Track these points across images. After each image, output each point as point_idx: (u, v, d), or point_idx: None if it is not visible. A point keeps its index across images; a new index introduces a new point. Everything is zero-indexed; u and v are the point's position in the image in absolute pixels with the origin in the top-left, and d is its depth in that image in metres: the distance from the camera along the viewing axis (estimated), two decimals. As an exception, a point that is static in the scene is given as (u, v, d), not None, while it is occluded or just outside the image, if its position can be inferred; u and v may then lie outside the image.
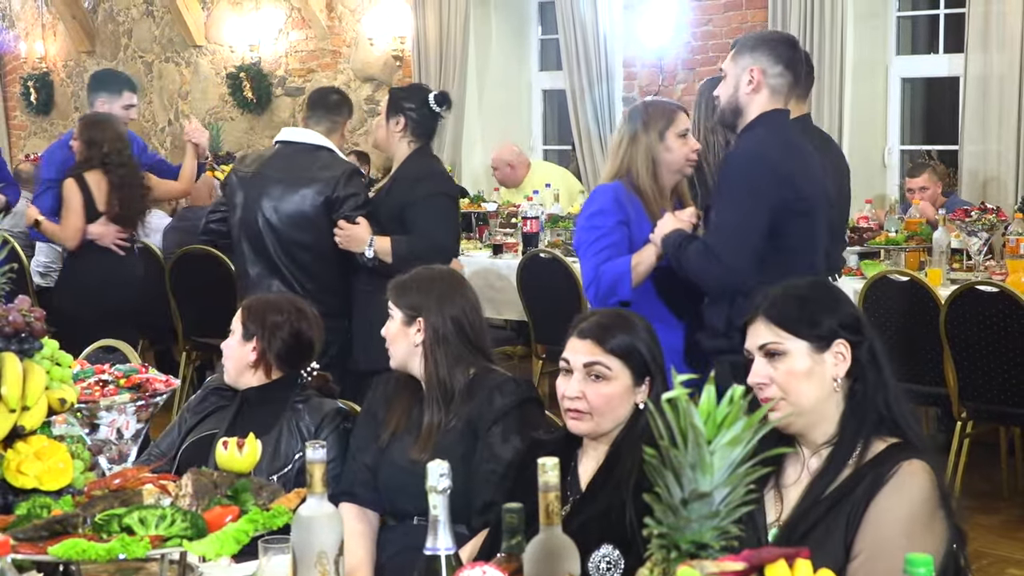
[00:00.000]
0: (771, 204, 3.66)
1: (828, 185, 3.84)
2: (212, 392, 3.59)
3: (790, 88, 3.78)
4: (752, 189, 3.68)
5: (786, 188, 3.66)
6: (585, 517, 2.70)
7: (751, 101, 3.75)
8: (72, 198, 6.21)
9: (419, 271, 3.35)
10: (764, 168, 3.69)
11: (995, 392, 5.53)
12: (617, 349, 2.79)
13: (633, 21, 9.57)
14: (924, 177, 7.52)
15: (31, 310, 2.37)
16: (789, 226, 3.67)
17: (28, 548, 2.14)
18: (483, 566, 1.93)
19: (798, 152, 3.77)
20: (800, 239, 3.71)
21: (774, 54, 3.73)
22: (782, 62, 3.72)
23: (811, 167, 3.77)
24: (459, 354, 3.20)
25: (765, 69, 3.73)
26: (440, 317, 3.21)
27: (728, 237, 3.70)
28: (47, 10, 14.34)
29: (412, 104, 4.99)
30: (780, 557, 1.55)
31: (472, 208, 8.64)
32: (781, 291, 2.55)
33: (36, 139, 14.82)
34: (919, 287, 5.71)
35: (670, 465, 1.65)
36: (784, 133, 3.80)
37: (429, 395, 3.20)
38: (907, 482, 2.36)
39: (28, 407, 2.31)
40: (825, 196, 3.79)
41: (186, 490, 2.34)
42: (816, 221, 3.74)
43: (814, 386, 2.45)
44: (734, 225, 3.70)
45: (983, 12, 7.92)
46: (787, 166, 3.69)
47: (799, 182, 3.69)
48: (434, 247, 4.80)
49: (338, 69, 11.74)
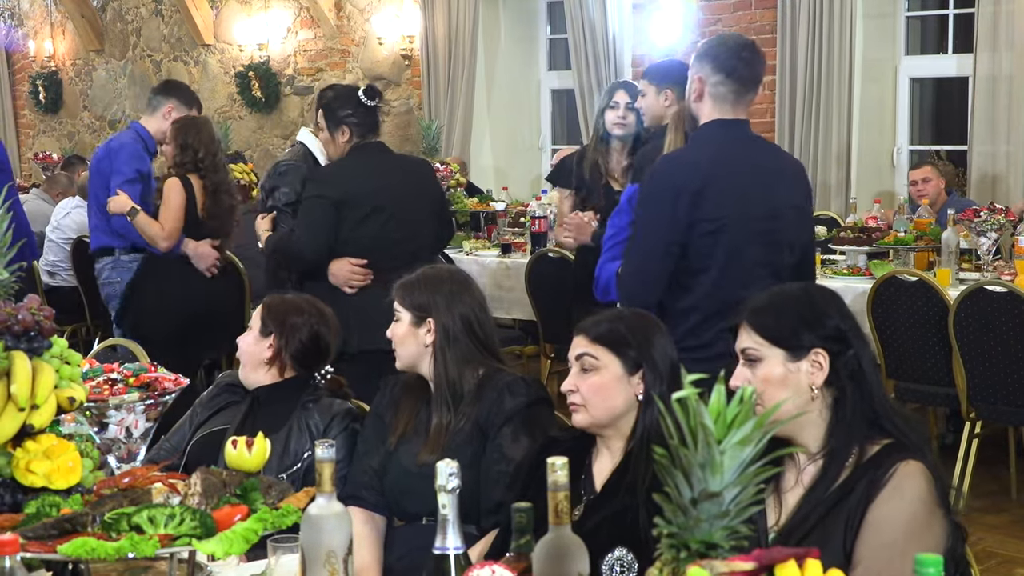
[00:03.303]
0: (673, 225, 3.60)
1: (757, 200, 3.65)
2: (225, 388, 3.59)
3: (736, 95, 3.68)
4: (652, 210, 3.66)
5: (689, 208, 3.59)
6: (599, 518, 2.69)
7: (699, 110, 3.71)
8: (174, 198, 5.98)
9: (425, 271, 3.32)
10: (667, 188, 3.63)
11: (1004, 392, 5.52)
12: (601, 338, 2.80)
13: (642, 20, 9.57)
14: (926, 169, 7.54)
15: (40, 309, 2.37)
16: (695, 245, 3.61)
17: (37, 547, 2.14)
18: (492, 565, 1.93)
19: (715, 168, 3.64)
20: (702, 259, 3.62)
21: (715, 63, 3.66)
22: (723, 70, 3.64)
23: (730, 183, 3.63)
24: (469, 354, 3.19)
25: (705, 78, 3.66)
26: (450, 317, 3.19)
27: (630, 259, 3.71)
28: (56, 9, 14.36)
29: (348, 110, 5.10)
30: (790, 557, 1.54)
31: (481, 207, 8.64)
32: (765, 298, 2.58)
33: (44, 138, 14.84)
34: (928, 287, 5.71)
35: (680, 465, 1.65)
36: (707, 149, 3.70)
37: (438, 396, 3.19)
38: (904, 484, 2.37)
39: (37, 406, 2.31)
40: (744, 213, 3.63)
41: (195, 489, 2.34)
42: (726, 239, 3.61)
43: (789, 393, 2.45)
44: (636, 248, 3.71)
45: (992, 12, 7.91)
46: (692, 184, 3.59)
47: (706, 201, 3.59)
48: (290, 247, 5.09)
49: (347, 68, 11.75)
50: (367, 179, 5.05)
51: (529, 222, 7.65)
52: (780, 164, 3.79)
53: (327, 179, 5.13)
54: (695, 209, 3.58)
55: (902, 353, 5.86)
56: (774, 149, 3.90)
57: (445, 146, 10.64)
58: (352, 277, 5.02)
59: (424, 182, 5.27)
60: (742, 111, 3.72)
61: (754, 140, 3.80)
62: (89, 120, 14.36)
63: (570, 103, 10.43)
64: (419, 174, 5.30)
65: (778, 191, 3.69)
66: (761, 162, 3.72)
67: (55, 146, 14.23)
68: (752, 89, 3.72)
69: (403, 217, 5.08)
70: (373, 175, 5.06)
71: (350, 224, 5.02)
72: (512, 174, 10.94)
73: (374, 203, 5.04)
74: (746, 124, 3.74)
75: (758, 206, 3.64)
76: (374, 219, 5.04)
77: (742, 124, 3.72)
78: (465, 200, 8.68)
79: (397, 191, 5.08)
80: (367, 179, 5.05)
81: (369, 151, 5.12)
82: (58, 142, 14.50)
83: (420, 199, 5.15)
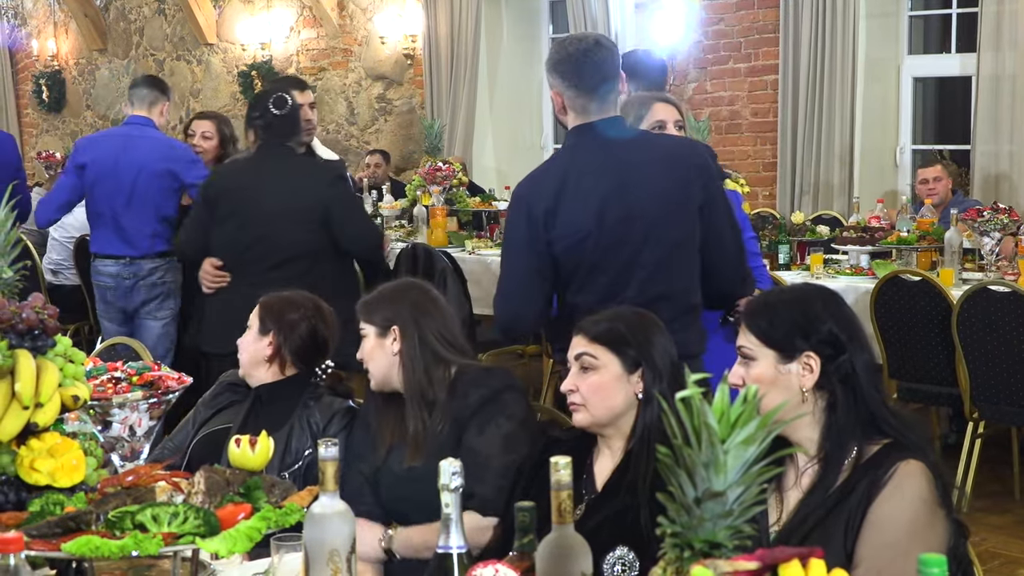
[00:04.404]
0: (531, 247, 3.53)
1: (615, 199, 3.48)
2: (227, 387, 3.61)
3: (595, 101, 3.51)
4: (511, 235, 3.62)
5: (542, 227, 3.50)
6: (601, 517, 2.70)
7: (568, 122, 3.58)
8: None
9: (384, 286, 3.37)
10: (519, 211, 3.58)
11: (1007, 393, 5.52)
12: (600, 337, 2.81)
13: (644, 20, 9.57)
14: (938, 168, 7.50)
15: (44, 307, 2.37)
16: (563, 258, 3.52)
17: (41, 545, 2.14)
18: (496, 564, 1.93)
19: (567, 181, 3.51)
20: (575, 266, 3.52)
21: (563, 76, 3.52)
22: (569, 81, 3.50)
23: (582, 192, 3.49)
24: (437, 356, 3.20)
25: (561, 92, 3.54)
26: (413, 322, 3.21)
27: (499, 285, 3.65)
28: (59, 8, 14.37)
29: (257, 113, 5.10)
30: (794, 557, 1.54)
31: (483, 207, 8.64)
32: (763, 299, 2.62)
33: (47, 136, 14.85)
34: (931, 287, 5.70)
35: (683, 464, 1.65)
36: (560, 161, 3.61)
37: (409, 401, 3.19)
38: (905, 484, 2.37)
39: (41, 404, 2.31)
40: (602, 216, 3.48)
41: (199, 487, 2.34)
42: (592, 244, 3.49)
43: (779, 394, 2.46)
44: (502, 272, 3.65)
45: (995, 12, 7.91)
46: (543, 204, 3.50)
47: (559, 217, 3.49)
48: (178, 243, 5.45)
49: (349, 68, 11.75)
50: (234, 181, 5.03)
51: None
52: (646, 159, 3.54)
53: (208, 178, 5.18)
54: (551, 229, 3.50)
55: (905, 353, 5.86)
56: (645, 140, 3.66)
57: (447, 145, 10.64)
58: (205, 277, 5.09)
59: (310, 190, 5.04)
60: (610, 109, 3.55)
61: (619, 136, 3.55)
62: (92, 119, 14.37)
63: (573, 102, 10.42)
64: (308, 182, 5.08)
65: (639, 189, 3.49)
66: (619, 159, 3.52)
67: (58, 145, 14.23)
68: (608, 89, 3.52)
69: (261, 222, 4.98)
70: (242, 177, 5.03)
71: (216, 224, 5.06)
72: (514, 173, 10.91)
73: (232, 205, 5.00)
74: (612, 121, 3.54)
75: (616, 209, 3.49)
76: (231, 221, 5.02)
77: (605, 123, 3.53)
78: (467, 199, 8.68)
79: (261, 196, 4.98)
80: (234, 181, 5.03)
81: (263, 155, 5.08)
82: (61, 141, 14.51)
83: (294, 207, 4.97)
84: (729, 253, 3.60)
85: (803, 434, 2.49)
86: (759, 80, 9.19)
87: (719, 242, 3.56)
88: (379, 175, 10.30)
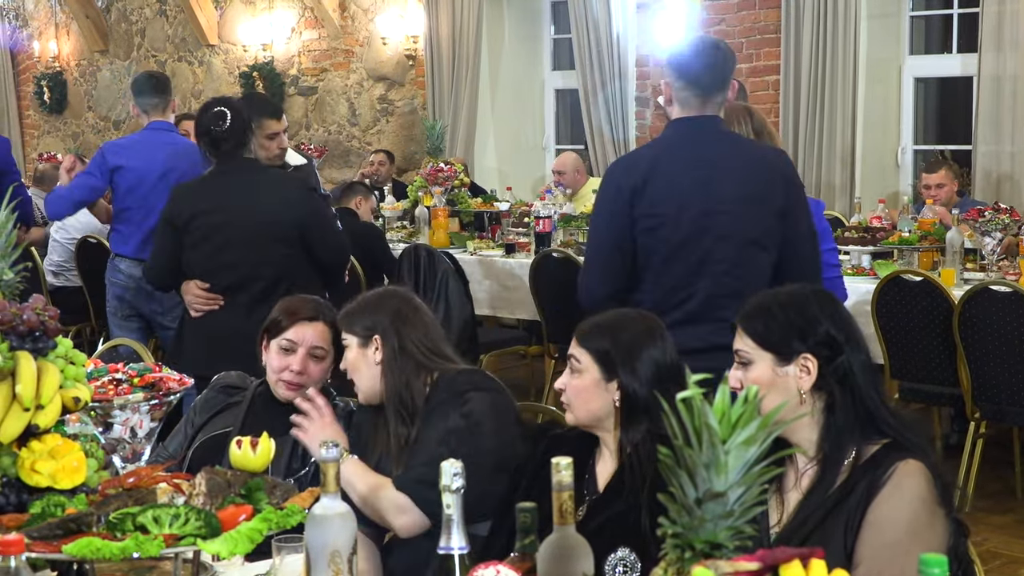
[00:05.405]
0: (616, 221, 3.70)
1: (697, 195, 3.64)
2: (221, 390, 3.57)
3: (700, 99, 3.70)
4: (599, 207, 3.81)
5: (629, 205, 3.66)
6: (602, 519, 2.70)
7: (669, 113, 3.78)
8: None
9: (364, 295, 3.34)
10: (609, 184, 3.76)
11: (1009, 392, 5.52)
12: (585, 342, 2.83)
13: (646, 20, 9.57)
14: (941, 174, 7.47)
15: (45, 309, 2.37)
16: (640, 240, 3.68)
17: (42, 547, 2.14)
18: (497, 565, 1.93)
19: (658, 164, 3.68)
20: (647, 253, 3.67)
21: (677, 69, 3.72)
22: (683, 76, 3.70)
23: (670, 179, 3.66)
24: (418, 365, 3.18)
25: (671, 83, 3.74)
26: (394, 330, 3.19)
27: (585, 257, 3.89)
28: (60, 9, 14.38)
29: (202, 129, 4.95)
30: (795, 557, 1.54)
31: (484, 207, 8.64)
32: (757, 301, 2.61)
33: (49, 138, 14.86)
34: (933, 287, 5.70)
35: (684, 465, 1.65)
36: (655, 147, 3.87)
37: (389, 410, 3.18)
38: (904, 483, 2.37)
39: (42, 406, 2.31)
40: (682, 208, 3.64)
41: (200, 489, 2.34)
42: (665, 234, 3.64)
43: (777, 396, 2.46)
44: (587, 245, 3.91)
45: (997, 12, 7.90)
46: (632, 181, 3.66)
47: (645, 197, 3.65)
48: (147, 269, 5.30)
49: (351, 68, 11.75)
50: (201, 203, 4.89)
51: (533, 222, 7.65)
52: (734, 159, 3.72)
53: (171, 199, 5.01)
54: (635, 206, 3.67)
55: (906, 353, 5.86)
56: (736, 142, 3.80)
57: (449, 146, 10.64)
58: (195, 301, 4.92)
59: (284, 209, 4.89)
60: (712, 110, 3.73)
61: (714, 135, 3.73)
62: (94, 120, 14.37)
63: (574, 103, 10.43)
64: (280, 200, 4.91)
65: (723, 185, 3.65)
66: (709, 156, 3.69)
67: (59, 146, 14.23)
68: (715, 90, 3.72)
69: (237, 245, 4.85)
70: (210, 199, 4.89)
71: (187, 246, 4.91)
72: (516, 174, 10.93)
73: (204, 230, 4.87)
74: (710, 120, 3.73)
75: (698, 201, 3.65)
76: (204, 246, 4.88)
77: (703, 120, 3.71)
78: (469, 200, 8.68)
79: (233, 218, 4.85)
80: (201, 203, 4.89)
81: (225, 173, 4.93)
82: (62, 142, 14.51)
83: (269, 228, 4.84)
84: (805, 262, 3.72)
85: (802, 435, 2.49)
86: (760, 80, 9.19)
87: (797, 250, 3.71)
88: (382, 174, 10.32)
